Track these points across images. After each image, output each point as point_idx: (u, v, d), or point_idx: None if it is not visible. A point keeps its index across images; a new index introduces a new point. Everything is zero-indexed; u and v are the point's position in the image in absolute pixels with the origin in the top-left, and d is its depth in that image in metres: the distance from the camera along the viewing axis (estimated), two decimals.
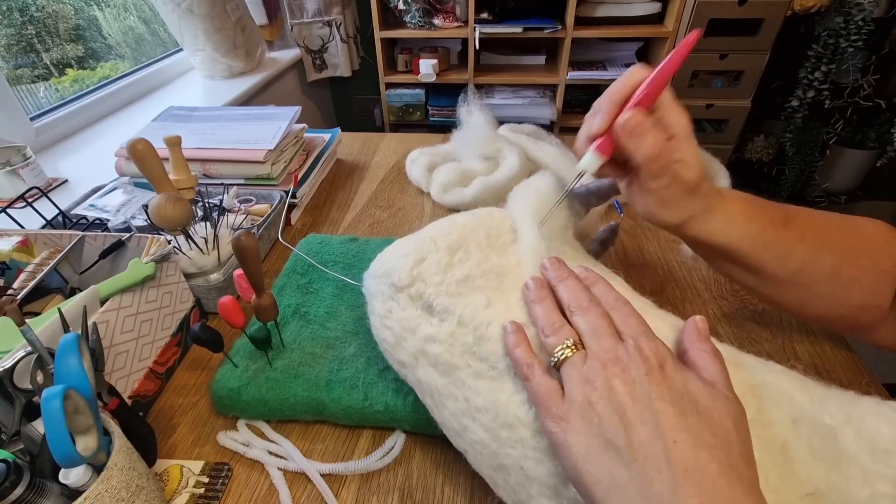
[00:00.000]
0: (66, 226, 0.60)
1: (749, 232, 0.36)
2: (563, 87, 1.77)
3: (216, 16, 1.36)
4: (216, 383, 0.42)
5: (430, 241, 0.37)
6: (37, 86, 1.17)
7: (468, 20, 1.67)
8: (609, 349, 0.28)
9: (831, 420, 0.28)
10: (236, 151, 0.68)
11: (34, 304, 0.44)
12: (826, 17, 1.57)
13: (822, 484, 0.27)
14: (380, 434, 0.42)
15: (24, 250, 0.47)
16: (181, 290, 0.49)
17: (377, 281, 0.38)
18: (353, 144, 0.94)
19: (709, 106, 1.69)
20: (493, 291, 0.34)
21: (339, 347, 0.45)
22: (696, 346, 0.29)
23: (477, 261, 0.36)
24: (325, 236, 0.60)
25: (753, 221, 0.36)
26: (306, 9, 1.80)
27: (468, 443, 0.32)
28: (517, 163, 0.68)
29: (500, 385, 0.31)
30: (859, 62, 1.60)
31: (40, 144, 1.07)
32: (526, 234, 0.37)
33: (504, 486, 0.31)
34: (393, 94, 1.92)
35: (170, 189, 0.49)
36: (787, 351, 0.48)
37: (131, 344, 0.42)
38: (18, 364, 0.32)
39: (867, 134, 1.79)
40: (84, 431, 0.29)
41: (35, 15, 1.17)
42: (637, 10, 1.63)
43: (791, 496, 0.27)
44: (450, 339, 0.33)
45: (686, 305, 0.54)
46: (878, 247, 0.38)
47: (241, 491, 0.38)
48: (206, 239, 0.52)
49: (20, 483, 0.27)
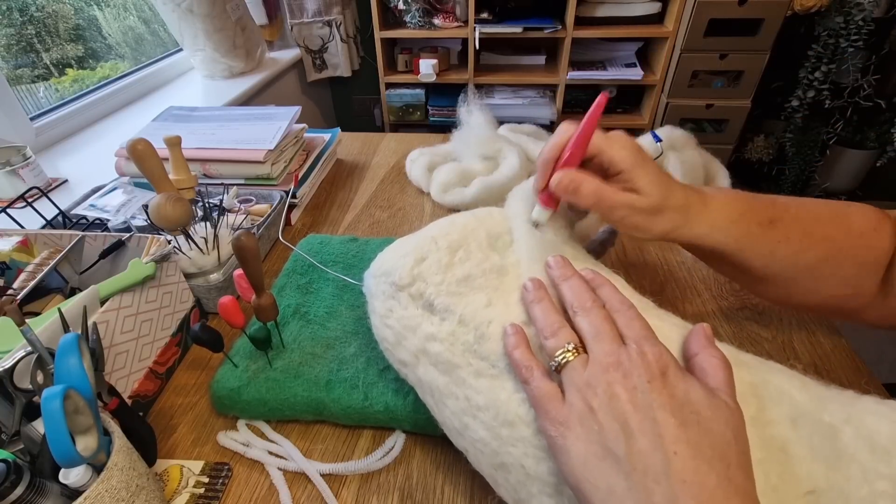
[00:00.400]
0: (66, 226, 0.60)
1: (734, 233, 0.37)
2: (563, 87, 1.77)
3: (216, 16, 1.36)
4: (216, 383, 0.42)
5: (430, 241, 0.37)
6: (37, 86, 1.17)
7: (468, 20, 1.67)
8: (611, 353, 0.28)
9: (831, 419, 0.28)
10: (236, 151, 0.68)
11: (34, 304, 0.44)
12: (826, 17, 1.57)
13: (821, 482, 0.27)
14: (380, 434, 0.42)
15: (24, 250, 0.47)
16: (181, 290, 0.49)
17: (378, 280, 0.38)
18: (353, 144, 0.94)
19: (709, 106, 1.69)
20: (494, 291, 0.35)
21: (339, 347, 0.45)
22: (707, 350, 0.29)
23: (477, 260, 0.36)
24: (325, 236, 0.60)
25: (739, 222, 0.37)
26: (306, 9, 1.80)
27: (469, 441, 0.33)
28: (517, 163, 0.68)
29: (501, 384, 0.31)
30: (859, 62, 1.60)
31: (40, 144, 1.07)
32: (521, 236, 0.37)
33: (505, 484, 0.31)
34: (393, 94, 1.92)
35: (170, 189, 0.49)
36: (787, 351, 0.48)
37: (131, 344, 0.42)
38: (18, 364, 0.32)
39: (867, 134, 1.79)
40: (84, 431, 0.29)
41: (35, 15, 1.17)
42: (637, 10, 1.63)
43: (791, 495, 0.27)
44: (450, 338, 0.33)
45: (686, 305, 0.54)
46: (862, 239, 0.38)
47: (241, 491, 0.38)
48: (206, 239, 0.52)
49: (20, 483, 0.27)
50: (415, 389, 0.37)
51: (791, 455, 0.28)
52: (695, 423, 0.25)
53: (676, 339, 0.31)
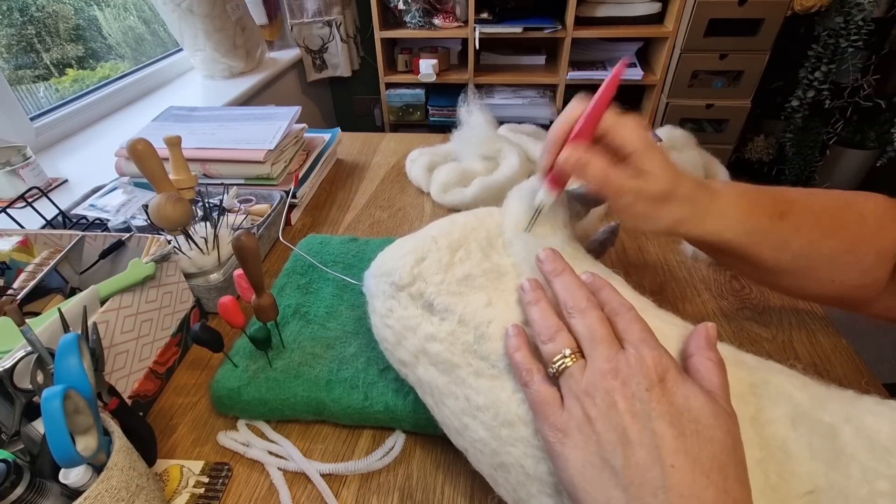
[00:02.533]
0: (66, 226, 0.60)
1: (745, 229, 0.36)
2: (563, 87, 1.77)
3: (216, 16, 1.36)
4: (216, 383, 0.42)
5: (430, 241, 0.37)
6: (37, 86, 1.17)
7: (468, 20, 1.67)
8: (609, 359, 0.27)
9: (831, 418, 0.28)
10: (236, 151, 0.68)
11: (34, 304, 0.44)
12: (826, 17, 1.57)
13: (821, 482, 0.27)
14: (380, 434, 0.42)
15: (24, 250, 0.47)
16: (181, 290, 0.49)
17: (378, 280, 0.38)
18: (353, 144, 0.94)
19: (709, 106, 1.69)
20: (494, 290, 0.35)
21: (339, 347, 0.45)
22: (703, 353, 0.29)
23: (477, 260, 0.36)
24: (325, 236, 0.60)
25: (749, 217, 0.36)
26: (306, 9, 1.80)
27: (468, 441, 0.32)
28: (517, 163, 0.68)
29: (501, 384, 0.31)
30: (859, 62, 1.60)
31: (40, 144, 1.07)
32: (516, 237, 0.37)
33: (504, 484, 0.31)
34: (393, 94, 1.92)
35: (170, 189, 0.49)
36: (787, 351, 0.48)
37: (131, 344, 0.42)
38: (18, 364, 0.32)
39: (867, 134, 1.79)
40: (84, 431, 0.29)
41: (35, 15, 1.17)
42: (637, 10, 1.63)
43: (791, 494, 0.27)
44: (450, 338, 0.33)
45: (686, 305, 0.54)
46: (880, 228, 0.37)
47: (241, 491, 0.38)
48: (206, 239, 0.52)
49: (20, 483, 0.27)
50: (415, 389, 0.37)
51: (791, 454, 0.28)
52: (693, 433, 0.24)
53: (676, 338, 0.31)
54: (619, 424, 0.25)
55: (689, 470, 0.24)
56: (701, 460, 0.24)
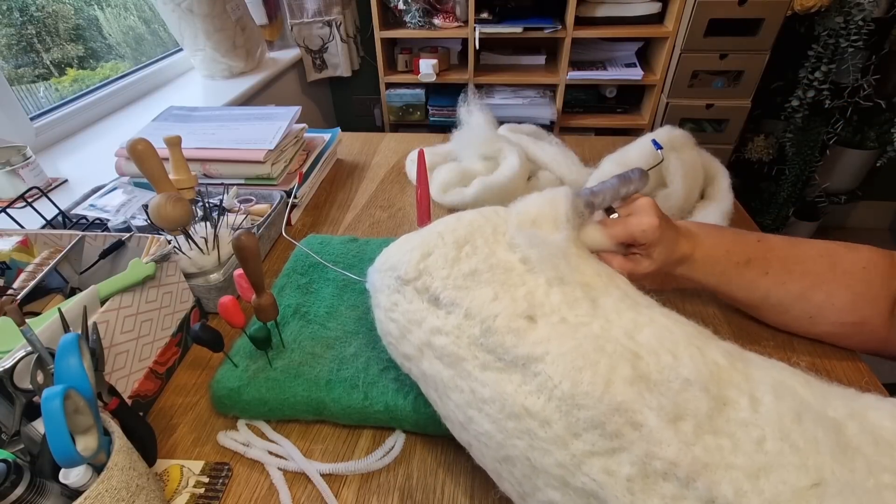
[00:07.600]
0: (66, 226, 0.60)
1: (714, 275, 0.45)
2: (563, 87, 1.76)
3: (216, 16, 1.36)
4: (216, 383, 0.42)
5: (436, 236, 0.37)
6: (37, 86, 1.16)
7: (468, 20, 1.67)
8: None
9: (835, 413, 0.29)
10: (236, 151, 0.68)
11: (34, 304, 0.44)
12: (826, 17, 1.57)
13: (827, 475, 0.27)
14: (380, 434, 0.42)
15: (24, 250, 0.47)
16: (181, 290, 0.49)
17: (383, 275, 0.38)
18: (353, 144, 0.94)
19: (709, 106, 1.69)
20: (500, 285, 0.35)
21: (340, 347, 0.45)
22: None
23: (484, 255, 0.36)
24: (325, 236, 0.60)
25: (717, 265, 0.45)
26: (306, 9, 1.79)
27: (473, 435, 0.33)
28: (517, 163, 0.68)
29: (507, 376, 0.31)
30: (859, 62, 1.60)
31: (40, 144, 1.07)
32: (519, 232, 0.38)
33: (509, 478, 0.31)
34: (393, 94, 1.92)
35: (170, 189, 0.49)
36: (788, 351, 0.48)
37: (131, 344, 0.42)
38: (18, 364, 0.32)
39: (867, 134, 1.79)
40: (84, 431, 0.29)
41: (35, 15, 1.17)
42: (637, 10, 1.63)
43: (797, 487, 0.27)
44: (456, 331, 0.33)
45: (686, 305, 0.54)
46: (848, 276, 0.43)
47: (241, 491, 0.38)
48: (206, 239, 0.52)
49: (20, 483, 0.27)
50: (417, 386, 0.37)
51: (797, 448, 0.28)
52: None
53: (679, 333, 0.32)
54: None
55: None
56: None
